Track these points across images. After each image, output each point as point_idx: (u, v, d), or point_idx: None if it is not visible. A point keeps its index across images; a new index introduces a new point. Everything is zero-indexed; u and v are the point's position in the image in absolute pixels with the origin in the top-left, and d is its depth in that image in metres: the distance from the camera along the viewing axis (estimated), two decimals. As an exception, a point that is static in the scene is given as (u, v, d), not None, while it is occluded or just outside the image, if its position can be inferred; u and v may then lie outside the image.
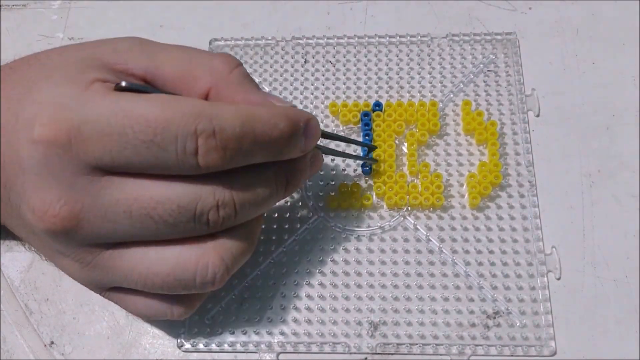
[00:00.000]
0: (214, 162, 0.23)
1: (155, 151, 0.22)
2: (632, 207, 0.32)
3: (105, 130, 0.22)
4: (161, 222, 0.23)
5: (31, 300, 0.31)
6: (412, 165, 0.33)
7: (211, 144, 0.22)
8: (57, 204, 0.22)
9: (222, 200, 0.24)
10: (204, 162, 0.22)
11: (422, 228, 0.32)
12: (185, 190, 0.23)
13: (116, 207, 0.23)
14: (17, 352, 0.30)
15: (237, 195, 0.24)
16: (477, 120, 0.33)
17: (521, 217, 0.31)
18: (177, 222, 0.23)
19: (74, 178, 0.22)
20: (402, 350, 0.29)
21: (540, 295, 0.30)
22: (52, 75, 0.24)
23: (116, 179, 0.23)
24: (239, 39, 0.38)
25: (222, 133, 0.22)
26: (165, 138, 0.22)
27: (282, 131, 0.24)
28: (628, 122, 0.34)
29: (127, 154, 0.22)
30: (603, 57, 0.36)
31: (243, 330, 0.30)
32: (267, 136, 0.24)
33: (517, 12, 0.38)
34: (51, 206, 0.22)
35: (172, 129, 0.22)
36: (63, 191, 0.22)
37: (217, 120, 0.22)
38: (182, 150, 0.22)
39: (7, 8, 0.41)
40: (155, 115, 0.22)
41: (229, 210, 0.24)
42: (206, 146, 0.22)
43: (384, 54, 0.37)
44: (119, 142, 0.22)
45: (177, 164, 0.22)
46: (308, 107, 0.35)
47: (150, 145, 0.22)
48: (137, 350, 0.30)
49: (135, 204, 0.23)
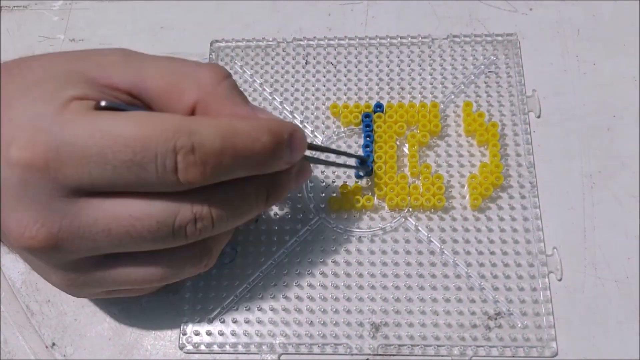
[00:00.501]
0: (194, 178, 0.22)
1: (136, 170, 0.22)
2: (632, 207, 0.32)
3: (84, 152, 0.21)
4: (139, 238, 0.23)
5: (32, 302, 0.31)
6: (413, 167, 0.33)
7: (190, 160, 0.22)
8: (34, 226, 0.22)
9: (199, 214, 0.24)
10: (184, 179, 0.22)
11: (424, 229, 0.32)
12: (164, 206, 0.23)
13: (94, 226, 0.23)
14: (19, 353, 0.30)
15: (215, 209, 0.24)
16: (478, 122, 0.33)
17: (522, 218, 0.32)
18: (155, 237, 0.23)
19: (52, 200, 0.22)
20: (404, 352, 0.29)
21: (542, 296, 0.30)
22: (30, 91, 0.23)
23: (95, 199, 0.23)
24: (239, 40, 0.38)
25: (201, 149, 0.22)
26: (145, 157, 0.22)
27: (265, 145, 0.24)
28: (629, 122, 0.34)
29: (107, 175, 0.22)
30: (604, 58, 0.36)
31: (245, 332, 0.30)
32: (249, 150, 0.23)
33: (518, 13, 0.38)
34: (27, 228, 0.22)
35: (151, 147, 0.21)
36: (40, 213, 0.22)
37: (196, 136, 0.22)
38: (162, 168, 0.22)
39: (8, 9, 0.41)
40: (134, 134, 0.21)
41: (206, 223, 0.24)
42: (185, 162, 0.22)
43: (385, 55, 0.37)
44: (98, 164, 0.22)
45: (158, 181, 0.22)
46: (309, 108, 0.35)
47: (130, 165, 0.22)
48: (138, 351, 0.30)
49: (114, 222, 0.23)
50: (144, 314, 0.31)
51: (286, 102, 0.36)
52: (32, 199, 0.22)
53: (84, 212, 0.23)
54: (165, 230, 0.23)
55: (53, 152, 0.21)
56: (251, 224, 0.32)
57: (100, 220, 0.23)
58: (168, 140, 0.22)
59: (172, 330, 0.30)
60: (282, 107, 0.36)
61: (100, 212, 0.23)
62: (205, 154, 0.22)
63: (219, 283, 0.31)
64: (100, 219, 0.23)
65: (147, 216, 0.23)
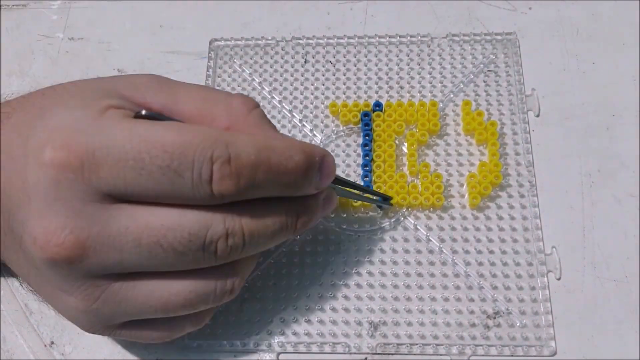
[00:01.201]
0: (227, 190, 0.22)
1: (171, 177, 0.21)
2: (632, 207, 0.32)
3: (121, 155, 0.21)
4: (170, 250, 0.22)
5: (31, 300, 0.31)
6: (412, 166, 0.33)
7: (226, 170, 0.22)
8: (62, 233, 0.21)
9: (231, 229, 0.23)
10: (217, 190, 0.22)
11: (422, 228, 0.32)
12: (197, 218, 0.23)
13: (125, 235, 0.22)
14: (17, 352, 0.30)
15: (247, 225, 0.24)
16: (477, 121, 0.33)
17: (521, 217, 0.31)
18: (186, 250, 0.23)
19: (83, 205, 0.22)
20: (402, 350, 0.29)
21: (541, 295, 0.30)
22: (66, 101, 0.23)
23: (127, 206, 0.22)
24: (239, 39, 0.38)
25: (237, 160, 0.22)
26: (182, 163, 0.21)
27: (297, 163, 0.24)
28: (628, 122, 0.34)
29: (142, 180, 0.21)
30: (603, 57, 0.36)
31: (243, 331, 0.30)
32: (283, 167, 0.23)
33: (517, 12, 0.38)
34: (55, 234, 0.21)
35: (189, 154, 0.21)
36: (70, 218, 0.21)
37: (233, 147, 0.22)
38: (198, 177, 0.22)
39: (7, 8, 0.41)
40: (172, 140, 0.21)
41: (237, 240, 0.23)
42: (221, 172, 0.22)
43: (384, 54, 0.37)
44: (134, 168, 0.21)
45: (192, 191, 0.22)
46: (308, 107, 0.35)
47: (166, 171, 0.21)
48: (137, 350, 0.30)
49: (145, 231, 0.22)
50: (143, 313, 0.31)
51: (285, 101, 0.36)
52: (62, 204, 0.21)
53: (116, 219, 0.22)
54: (197, 243, 0.23)
55: (89, 153, 0.21)
56: None
57: (131, 228, 0.22)
58: (206, 149, 0.22)
59: (170, 329, 0.30)
60: (281, 106, 0.36)
61: (131, 220, 0.22)
62: (240, 165, 0.22)
63: (218, 282, 0.31)
64: (132, 227, 0.22)
65: (180, 226, 0.22)
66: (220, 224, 0.23)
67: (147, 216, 0.22)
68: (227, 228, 0.23)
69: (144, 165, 0.21)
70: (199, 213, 0.23)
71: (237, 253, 0.24)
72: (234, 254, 0.24)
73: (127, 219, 0.22)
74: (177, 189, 0.22)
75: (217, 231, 0.23)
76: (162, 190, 0.22)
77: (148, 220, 0.22)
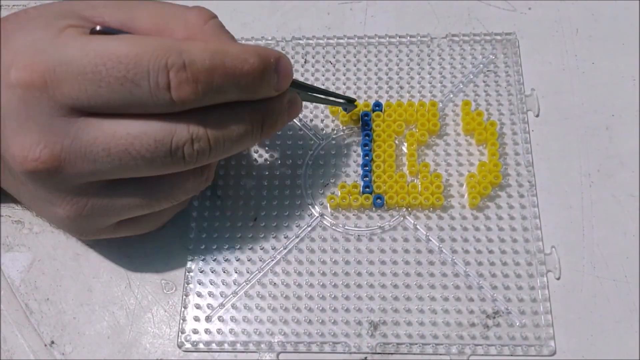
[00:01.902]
0: (186, 96, 0.23)
1: (129, 87, 0.23)
2: (631, 206, 0.32)
3: (79, 70, 0.22)
4: (139, 157, 0.24)
5: (31, 300, 0.32)
6: (412, 165, 0.33)
7: (182, 76, 0.23)
8: (37, 147, 0.23)
9: (196, 134, 0.24)
10: (177, 96, 0.23)
11: (422, 228, 0.32)
12: (161, 125, 0.24)
13: (95, 145, 0.24)
14: (17, 351, 0.30)
15: (211, 130, 0.25)
16: (476, 120, 0.33)
17: (521, 217, 0.32)
18: (154, 156, 0.24)
19: (52, 120, 0.23)
20: (402, 350, 0.29)
21: (540, 295, 0.30)
22: (27, 25, 0.24)
23: (94, 119, 0.23)
24: (238, 39, 0.38)
25: (193, 65, 0.23)
26: (137, 73, 0.22)
27: (253, 65, 0.25)
28: (627, 121, 0.34)
29: (103, 92, 0.23)
30: (603, 57, 0.36)
31: (243, 330, 0.30)
32: (238, 70, 0.24)
33: (517, 12, 0.38)
34: (31, 150, 0.23)
35: (143, 63, 0.22)
36: (42, 134, 0.23)
37: (187, 54, 0.23)
38: (155, 85, 0.23)
39: (7, 8, 0.41)
40: (126, 52, 0.22)
41: (203, 144, 0.25)
42: (178, 79, 0.23)
43: (384, 54, 0.37)
44: (93, 81, 0.22)
45: (152, 99, 0.23)
46: (308, 107, 0.35)
47: (123, 81, 0.22)
48: (137, 350, 0.30)
49: (113, 140, 0.24)
50: (143, 313, 0.31)
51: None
52: (33, 121, 0.23)
53: (84, 131, 0.23)
54: (163, 149, 0.24)
55: (50, 71, 0.22)
56: (250, 222, 0.32)
57: (99, 139, 0.23)
58: (160, 57, 0.23)
59: (170, 329, 0.30)
60: (281, 106, 0.36)
61: (99, 131, 0.23)
62: (196, 71, 0.23)
63: (218, 282, 0.31)
64: (100, 138, 0.23)
65: (145, 134, 0.24)
66: (184, 129, 0.24)
67: (114, 126, 0.24)
68: (191, 133, 0.24)
69: (101, 78, 0.22)
70: (164, 121, 0.24)
71: (205, 157, 0.25)
72: (202, 158, 0.25)
73: (95, 131, 0.24)
74: (137, 98, 0.23)
75: (182, 137, 0.24)
76: (123, 100, 0.23)
77: (115, 129, 0.24)
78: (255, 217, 0.32)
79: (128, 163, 0.24)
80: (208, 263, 0.31)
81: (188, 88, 0.23)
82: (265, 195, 0.33)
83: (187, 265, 0.32)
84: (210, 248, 0.32)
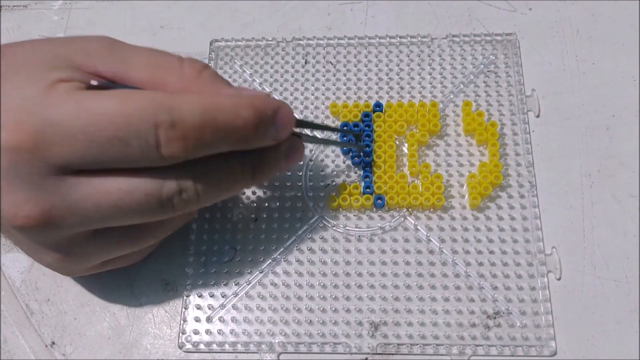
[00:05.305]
0: (176, 153, 0.23)
1: (120, 147, 0.22)
2: (632, 207, 0.32)
3: (70, 131, 0.22)
4: (129, 210, 0.24)
5: (32, 301, 0.32)
6: (412, 166, 0.33)
7: (171, 135, 0.23)
8: (26, 205, 0.23)
9: (184, 185, 0.24)
10: (166, 153, 0.23)
11: (423, 228, 0.32)
12: (151, 180, 0.24)
13: (85, 202, 0.23)
14: (18, 352, 0.30)
15: (199, 182, 0.25)
16: (477, 121, 0.33)
17: (521, 217, 0.32)
18: (144, 209, 0.24)
19: (42, 180, 0.23)
20: (403, 351, 0.29)
21: (541, 296, 0.30)
22: (16, 74, 0.24)
23: (83, 177, 0.23)
24: (239, 39, 0.38)
25: (182, 123, 0.23)
26: (127, 133, 0.22)
27: (246, 120, 0.24)
28: (628, 122, 0.34)
29: (94, 152, 0.22)
30: (603, 58, 0.36)
31: (244, 331, 0.30)
32: (230, 125, 0.24)
33: (517, 12, 0.38)
34: (21, 208, 0.23)
35: (133, 123, 0.22)
36: (31, 193, 0.23)
37: (177, 112, 0.23)
38: (145, 143, 0.22)
39: (8, 9, 0.41)
40: (115, 111, 0.22)
41: (190, 194, 0.25)
42: (167, 137, 0.23)
43: (385, 54, 0.37)
44: (83, 142, 0.22)
45: (142, 157, 0.23)
46: (309, 107, 0.35)
47: (114, 141, 0.22)
48: (138, 350, 0.30)
49: (103, 197, 0.23)
50: (144, 313, 0.31)
51: (286, 102, 0.36)
52: (23, 180, 0.23)
53: (74, 189, 0.23)
54: (153, 202, 0.24)
55: (40, 133, 0.22)
56: (250, 223, 0.32)
57: (90, 195, 0.23)
58: (149, 116, 0.22)
59: (171, 330, 0.30)
60: (281, 106, 0.36)
61: (90, 188, 0.23)
62: (185, 128, 0.23)
63: (218, 282, 0.31)
64: (91, 195, 0.23)
65: (135, 189, 0.24)
66: (172, 181, 0.24)
67: (104, 182, 0.24)
68: (179, 184, 0.24)
69: (92, 138, 0.22)
70: (154, 174, 0.24)
71: (193, 204, 0.25)
72: (190, 205, 0.25)
73: (85, 188, 0.23)
74: (128, 156, 0.23)
75: (171, 189, 0.24)
76: (114, 158, 0.23)
77: (105, 186, 0.23)
78: (255, 217, 0.32)
79: (118, 215, 0.24)
80: (209, 264, 0.31)
81: (177, 145, 0.23)
82: (266, 196, 0.33)
83: (188, 265, 0.32)
84: (211, 249, 0.32)
